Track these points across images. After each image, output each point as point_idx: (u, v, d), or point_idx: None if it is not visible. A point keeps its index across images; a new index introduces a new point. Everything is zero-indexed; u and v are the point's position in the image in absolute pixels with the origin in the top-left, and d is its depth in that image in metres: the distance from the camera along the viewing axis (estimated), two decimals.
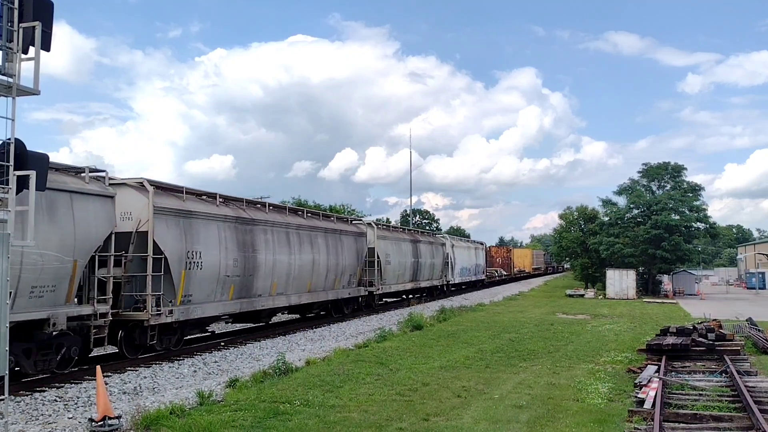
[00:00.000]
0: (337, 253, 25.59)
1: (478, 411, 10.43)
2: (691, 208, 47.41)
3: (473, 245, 55.11)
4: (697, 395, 11.41)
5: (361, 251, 28.31)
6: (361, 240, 28.47)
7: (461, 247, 49.23)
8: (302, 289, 22.67)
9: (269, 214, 21.19)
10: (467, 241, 55.95)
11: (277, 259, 20.74)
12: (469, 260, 50.78)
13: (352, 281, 27.19)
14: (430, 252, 39.72)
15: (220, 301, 17.84)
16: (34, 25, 8.11)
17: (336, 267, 25.34)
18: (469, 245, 53.51)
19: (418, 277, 36.88)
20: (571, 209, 60.07)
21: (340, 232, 26.52)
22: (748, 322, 22.59)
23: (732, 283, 72.51)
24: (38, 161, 8.49)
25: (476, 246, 56.15)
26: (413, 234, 39.03)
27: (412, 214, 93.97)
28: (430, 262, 39.43)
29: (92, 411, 10.15)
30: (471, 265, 51.40)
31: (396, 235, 34.33)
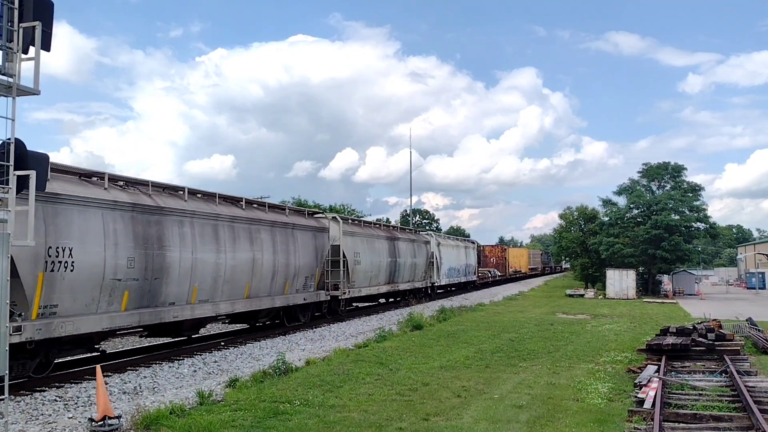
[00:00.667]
0: (289, 252, 21.56)
1: (478, 411, 10.43)
2: (691, 208, 47.43)
3: (463, 244, 51.49)
4: (697, 395, 11.41)
5: (322, 249, 24.47)
6: (321, 236, 24.56)
7: (449, 245, 45.65)
8: (237, 295, 18.61)
9: (189, 203, 16.89)
10: (456, 240, 52.03)
11: (200, 258, 16.70)
12: (458, 260, 47.24)
13: (309, 284, 23.22)
14: (412, 251, 35.90)
15: (107, 313, 13.78)
16: (34, 25, 8.11)
17: (286, 268, 21.36)
18: (458, 244, 49.79)
19: (396, 278, 33.05)
20: (571, 209, 60.13)
21: (293, 226, 22.37)
22: (748, 322, 22.59)
23: (732, 283, 72.53)
24: (38, 161, 8.49)
25: (467, 245, 52.75)
26: (390, 230, 35.03)
27: (412, 214, 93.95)
28: (411, 262, 35.63)
29: (92, 411, 10.15)
30: (460, 265, 47.89)
31: (368, 231, 30.34)
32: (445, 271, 43.01)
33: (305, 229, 23.42)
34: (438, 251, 41.11)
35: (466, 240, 56.30)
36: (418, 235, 39.44)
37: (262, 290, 20.08)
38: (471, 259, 52.14)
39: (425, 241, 39.56)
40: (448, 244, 45.88)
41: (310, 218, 25.01)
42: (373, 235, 30.35)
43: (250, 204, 20.80)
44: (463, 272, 48.99)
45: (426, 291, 39.29)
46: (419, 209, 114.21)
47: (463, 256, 49.33)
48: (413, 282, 36.40)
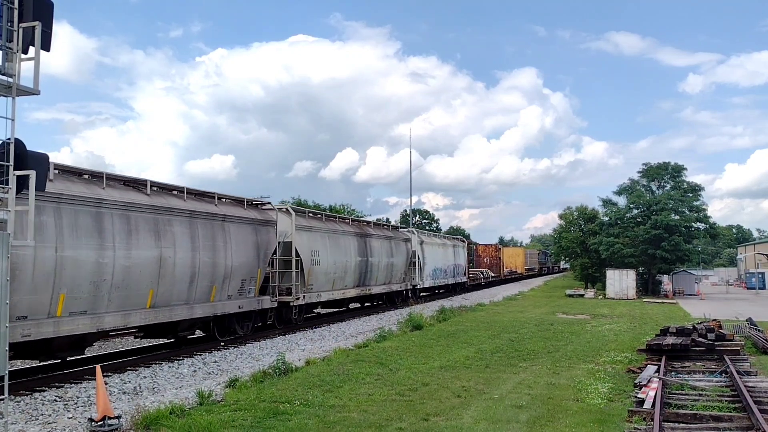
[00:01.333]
0: (216, 249, 17.59)
1: (478, 411, 10.43)
2: (691, 208, 47.45)
3: (451, 242, 47.41)
4: (696, 395, 11.41)
5: (267, 246, 20.43)
6: (266, 231, 20.50)
7: (434, 244, 41.81)
8: (135, 305, 14.68)
9: (55, 183, 12.73)
10: (443, 238, 48.32)
11: (69, 256, 12.76)
12: (445, 260, 43.30)
13: (247, 289, 19.30)
14: (388, 249, 32.01)
15: None
16: (34, 25, 8.12)
17: (213, 269, 17.40)
18: (446, 242, 45.81)
19: (368, 280, 29.31)
20: (571, 209, 60.12)
21: (224, 218, 18.24)
22: (748, 322, 22.59)
23: (732, 283, 72.49)
24: (38, 161, 8.49)
25: (455, 243, 48.37)
26: (361, 225, 30.86)
27: (413, 214, 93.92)
28: (388, 262, 31.82)
29: (92, 411, 10.15)
30: (448, 265, 44.02)
31: (330, 226, 26.41)
32: (430, 272, 39.27)
33: (242, 222, 19.23)
34: (421, 250, 37.45)
35: (454, 238, 52.00)
36: (396, 232, 35.60)
37: (175, 297, 16.04)
38: (460, 258, 48.31)
39: (405, 238, 35.85)
40: (433, 242, 42.14)
41: (251, 209, 20.60)
42: (337, 231, 26.54)
43: (162, 189, 16.71)
44: (451, 273, 45.26)
45: (406, 294, 35.70)
46: (419, 209, 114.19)
47: (451, 256, 45.59)
48: (390, 284, 32.48)
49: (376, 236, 31.04)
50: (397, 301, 34.38)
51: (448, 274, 44.27)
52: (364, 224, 32.18)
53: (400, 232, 36.73)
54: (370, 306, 32.43)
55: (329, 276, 25.25)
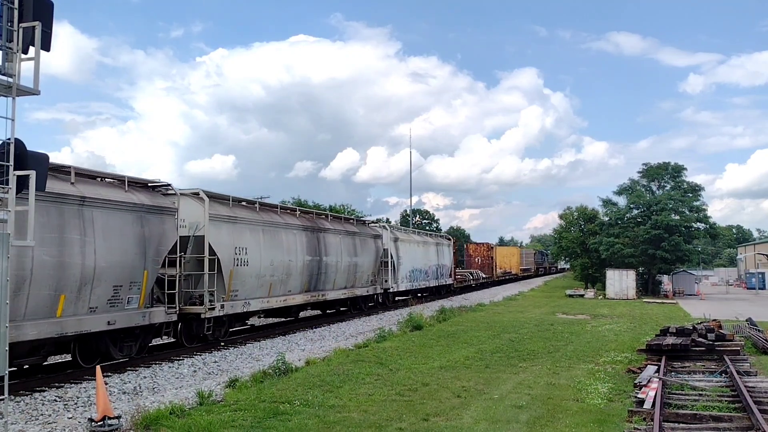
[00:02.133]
0: (85, 244, 13.27)
1: (478, 411, 10.43)
2: (691, 208, 47.48)
3: (434, 240, 43.15)
4: (696, 395, 11.41)
5: (160, 241, 15.51)
6: (160, 221, 15.62)
7: (412, 241, 37.15)
8: None
9: None
10: (424, 235, 43.32)
11: None
12: (425, 259, 39.03)
13: (125, 298, 14.43)
14: (350, 247, 27.36)
15: None
16: (34, 25, 8.12)
17: (59, 271, 12.61)
18: (427, 240, 41.36)
19: (322, 284, 24.49)
20: (571, 209, 60.13)
21: (82, 201, 13.37)
22: (748, 322, 22.59)
23: (732, 283, 72.51)
24: (38, 161, 8.49)
25: (438, 241, 44.04)
26: (312, 218, 25.19)
27: (413, 214, 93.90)
28: (350, 263, 27.06)
29: (92, 411, 10.15)
30: (429, 266, 39.70)
31: (266, 218, 20.94)
32: (406, 273, 34.80)
33: (116, 208, 14.34)
34: (395, 248, 33.03)
35: (438, 235, 47.81)
36: (363, 227, 30.48)
37: None
38: (445, 258, 43.89)
39: (374, 235, 30.73)
40: (411, 239, 37.48)
41: (138, 191, 15.56)
42: (276, 224, 21.41)
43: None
44: (434, 274, 40.98)
45: (376, 299, 31.57)
46: (419, 209, 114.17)
47: (434, 255, 41.14)
48: (353, 288, 27.77)
49: (334, 231, 26.03)
50: (363, 307, 29.67)
51: (430, 275, 39.96)
52: (318, 216, 26.27)
53: (369, 227, 31.62)
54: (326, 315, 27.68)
55: (263, 279, 20.04)
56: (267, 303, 20.79)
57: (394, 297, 34.43)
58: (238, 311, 19.23)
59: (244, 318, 21.31)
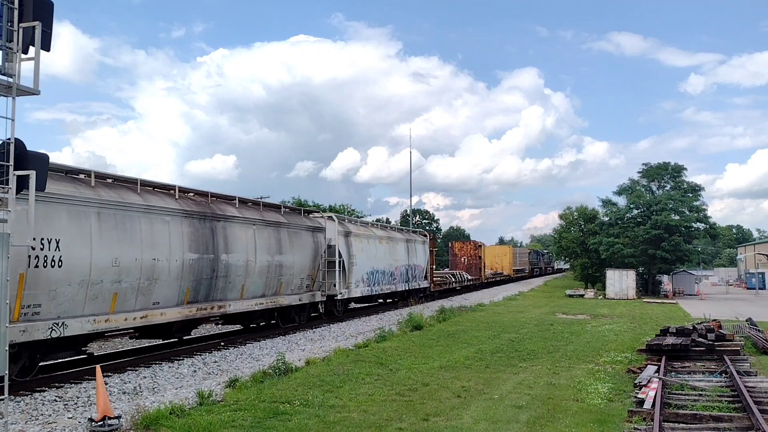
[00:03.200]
0: None
1: (478, 411, 10.43)
2: (691, 208, 47.50)
3: (403, 236, 36.04)
4: (696, 395, 11.41)
5: None
6: None
7: (371, 237, 30.26)
8: None
9: None
10: (390, 229, 36.25)
11: None
12: (390, 259, 32.28)
13: None
14: (274, 242, 20.54)
15: None
16: (34, 25, 8.12)
17: None
18: (393, 236, 34.15)
19: (220, 292, 17.80)
20: (571, 209, 60.17)
21: None
22: (748, 322, 22.60)
23: (732, 283, 72.54)
24: (38, 161, 8.49)
25: (410, 237, 37.34)
26: (207, 203, 18.14)
27: (413, 214, 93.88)
28: (271, 263, 20.19)
29: (92, 411, 10.15)
30: (397, 266, 33.21)
31: (108, 197, 14.17)
32: (363, 275, 28.41)
33: None
34: (346, 245, 26.69)
35: (410, 231, 40.77)
36: (294, 217, 23.21)
37: None
38: (418, 257, 37.49)
39: (312, 227, 23.87)
40: (370, 234, 30.44)
41: None
42: (129, 206, 14.65)
43: None
44: (403, 276, 34.29)
45: (317, 309, 24.77)
46: (419, 209, 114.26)
47: (402, 254, 34.55)
48: (277, 296, 20.84)
49: (243, 221, 19.07)
50: (299, 320, 23.12)
51: (398, 277, 33.40)
52: (217, 200, 18.94)
53: (306, 217, 24.31)
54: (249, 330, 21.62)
55: (98, 288, 13.48)
56: (106, 322, 13.87)
57: (347, 305, 28.23)
58: (37, 338, 12.01)
59: (61, 347, 13.42)
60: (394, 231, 36.32)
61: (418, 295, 36.77)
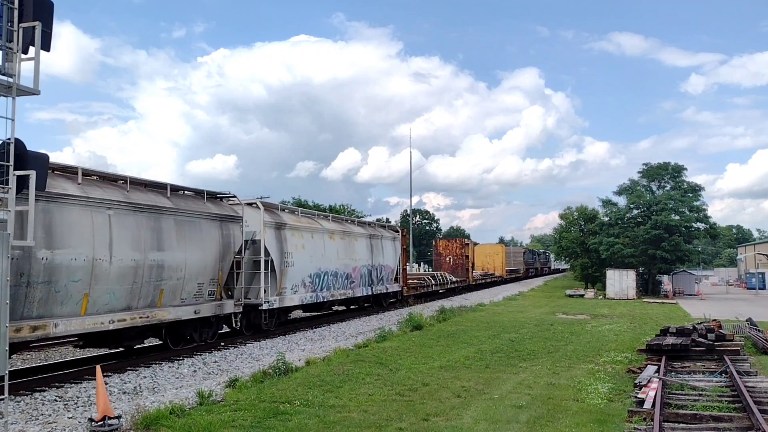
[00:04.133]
0: None
1: (478, 411, 10.43)
2: (691, 208, 47.50)
3: (364, 230, 29.46)
4: (696, 395, 11.41)
5: None
6: None
7: (314, 230, 23.94)
8: None
9: None
10: (343, 222, 28.56)
11: None
12: (344, 259, 26.14)
13: None
14: (150, 234, 15.10)
15: None
16: (34, 25, 8.13)
17: None
18: (350, 230, 27.66)
19: (42, 305, 12.31)
20: (571, 209, 60.14)
21: None
22: (748, 322, 22.59)
23: (732, 283, 72.52)
24: (38, 161, 8.50)
25: (375, 233, 30.47)
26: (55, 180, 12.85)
27: (413, 214, 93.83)
28: (144, 262, 14.71)
29: (92, 411, 10.15)
30: (353, 267, 26.99)
31: None
32: (304, 279, 22.56)
33: None
34: (277, 239, 21.02)
35: (375, 225, 33.76)
36: (190, 201, 17.17)
37: None
38: (386, 256, 31.17)
39: (222, 215, 18.01)
40: (313, 227, 24.00)
41: None
42: None
43: None
44: (364, 279, 28.21)
45: (231, 323, 18.77)
46: (420, 209, 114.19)
47: (363, 252, 28.31)
48: (155, 309, 15.29)
49: (85, 202, 13.45)
50: (199, 337, 17.57)
51: (356, 280, 27.36)
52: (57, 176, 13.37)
53: (211, 202, 18.11)
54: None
55: None
56: None
57: (283, 316, 22.19)
58: None
59: None
60: (351, 224, 29.40)
61: (387, 300, 31.92)
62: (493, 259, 63.94)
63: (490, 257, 63.77)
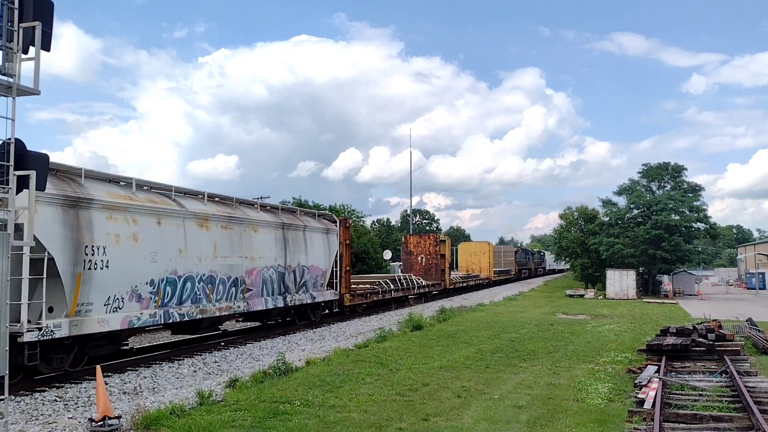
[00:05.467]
0: None
1: (478, 411, 10.43)
2: (691, 208, 47.51)
3: (272, 218, 21.61)
4: (697, 395, 11.41)
5: None
6: None
7: (159, 212, 15.74)
8: None
9: None
10: (234, 205, 19.98)
11: None
12: (230, 257, 18.52)
13: None
14: None
15: None
16: (34, 25, 8.13)
17: None
18: (233, 213, 19.29)
19: None
20: (571, 209, 60.11)
21: None
22: (748, 322, 22.59)
23: (732, 283, 72.55)
24: (38, 161, 8.50)
25: (290, 222, 22.61)
26: None
27: (413, 214, 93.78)
28: None
29: (92, 411, 10.15)
30: (248, 269, 19.51)
31: None
32: (135, 288, 14.77)
33: None
34: (71, 226, 13.08)
35: (288, 210, 24.41)
36: None
37: None
38: (312, 255, 23.56)
39: None
40: (161, 209, 15.90)
41: None
42: None
43: None
44: (269, 287, 20.72)
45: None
46: (420, 209, 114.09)
47: (269, 248, 20.86)
48: None
49: None
50: None
51: (257, 288, 19.91)
52: None
53: None
54: None
55: None
56: None
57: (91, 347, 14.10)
58: None
59: None
60: (249, 208, 20.69)
61: (317, 313, 24.48)
62: (479, 259, 56.65)
63: (475, 257, 56.83)
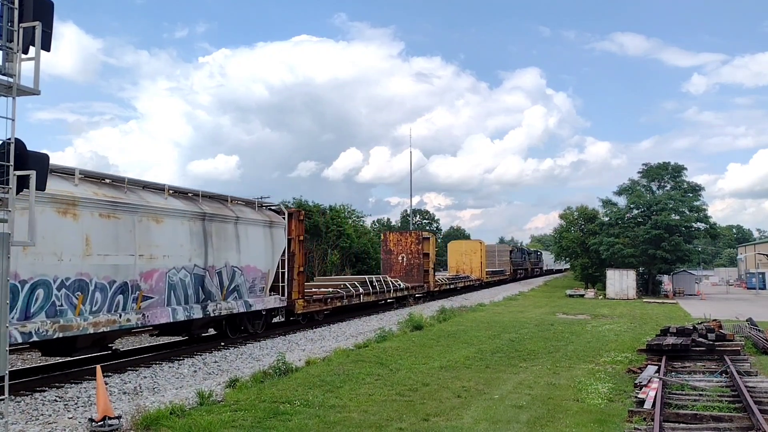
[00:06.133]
0: None
1: (478, 411, 10.43)
2: (691, 208, 47.52)
3: (184, 206, 16.85)
4: (697, 395, 11.41)
5: None
6: None
7: None
8: None
9: None
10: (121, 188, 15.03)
11: None
12: (114, 255, 14.15)
13: None
14: None
15: None
16: (34, 25, 8.12)
17: None
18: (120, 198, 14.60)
19: None
20: (571, 209, 60.12)
21: None
22: (749, 322, 22.60)
23: (732, 283, 72.58)
24: (38, 161, 8.49)
25: (210, 211, 17.75)
26: None
27: (413, 214, 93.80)
28: None
29: (92, 411, 10.15)
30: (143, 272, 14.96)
31: None
32: None
33: None
34: None
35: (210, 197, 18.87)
36: None
37: None
38: (247, 253, 19.54)
39: None
40: None
41: None
42: None
43: None
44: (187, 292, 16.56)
45: None
46: (420, 209, 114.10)
47: (180, 243, 16.49)
48: None
49: None
50: None
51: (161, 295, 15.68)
52: None
53: None
54: None
55: None
56: None
57: None
58: None
59: None
60: (150, 192, 16.28)
61: (257, 324, 20.73)
62: (470, 259, 53.05)
63: (466, 256, 53.28)
